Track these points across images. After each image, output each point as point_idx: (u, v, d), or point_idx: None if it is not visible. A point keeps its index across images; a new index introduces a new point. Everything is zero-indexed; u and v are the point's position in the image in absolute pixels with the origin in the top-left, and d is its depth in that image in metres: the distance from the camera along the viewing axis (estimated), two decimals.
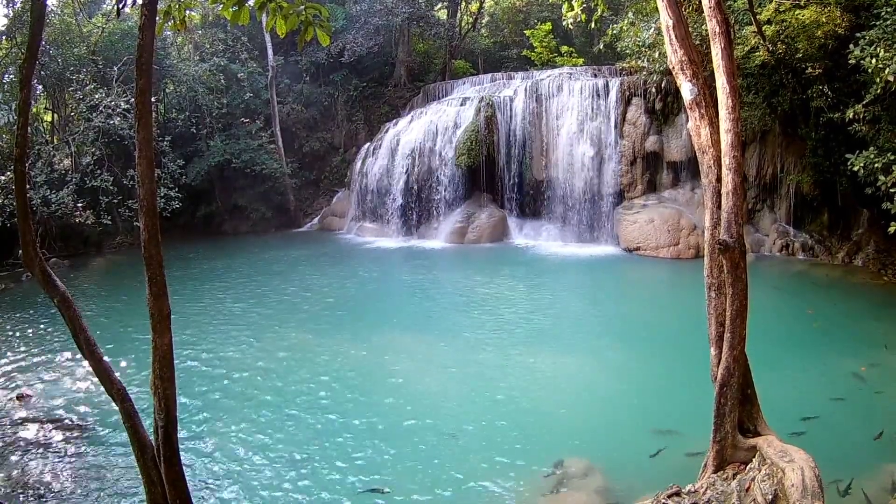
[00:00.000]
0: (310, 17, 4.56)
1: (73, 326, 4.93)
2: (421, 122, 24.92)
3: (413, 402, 9.27)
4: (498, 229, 23.11)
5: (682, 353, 11.13)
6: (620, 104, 22.08)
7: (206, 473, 7.39)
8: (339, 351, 11.51)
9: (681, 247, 19.48)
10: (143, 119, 4.59)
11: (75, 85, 22.84)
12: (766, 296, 13.95)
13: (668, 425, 8.21)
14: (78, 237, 22.88)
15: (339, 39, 28.24)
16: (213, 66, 26.79)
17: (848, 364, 10.04)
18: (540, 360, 10.99)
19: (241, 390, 9.83)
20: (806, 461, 5.02)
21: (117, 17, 24.46)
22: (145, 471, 4.90)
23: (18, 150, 5.05)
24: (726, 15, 5.88)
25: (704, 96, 5.95)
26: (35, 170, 21.08)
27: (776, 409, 6.65)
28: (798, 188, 19.06)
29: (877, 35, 12.09)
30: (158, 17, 5.12)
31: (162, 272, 4.65)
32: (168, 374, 4.70)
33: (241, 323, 13.45)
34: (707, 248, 5.91)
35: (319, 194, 29.61)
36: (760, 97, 17.73)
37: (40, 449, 8.08)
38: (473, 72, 31.40)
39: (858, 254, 17.50)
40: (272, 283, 17.45)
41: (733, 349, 5.52)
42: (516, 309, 14.41)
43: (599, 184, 22.30)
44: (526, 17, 32.80)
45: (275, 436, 8.28)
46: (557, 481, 6.97)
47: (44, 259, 5.09)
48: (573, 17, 8.45)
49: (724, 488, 5.38)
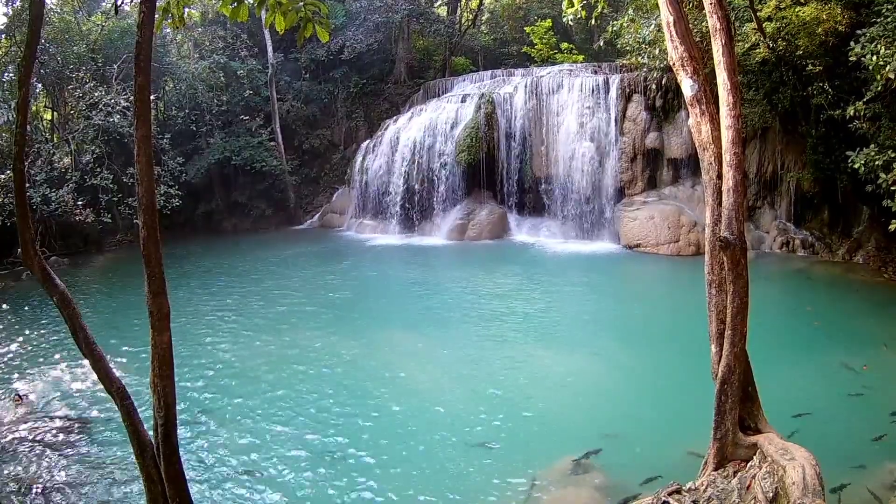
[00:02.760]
0: (309, 13, 4.55)
1: (73, 325, 4.92)
2: (421, 119, 24.89)
3: (411, 399, 9.27)
4: (498, 226, 23.09)
5: (682, 350, 11.12)
6: (621, 101, 22.04)
7: (205, 471, 7.39)
8: (339, 348, 11.50)
9: (681, 244, 19.46)
10: (143, 117, 4.58)
11: (75, 83, 22.82)
12: (766, 293, 13.94)
13: (667, 422, 8.21)
14: (78, 235, 22.88)
15: (339, 36, 28.19)
16: (212, 64, 26.75)
17: (848, 362, 10.02)
18: (539, 357, 10.99)
19: (240, 388, 9.82)
20: (807, 459, 5.01)
21: (115, 14, 24.40)
22: (145, 469, 4.89)
23: (18, 148, 5.04)
24: (727, 11, 5.86)
25: (705, 93, 5.93)
26: (35, 168, 21.08)
27: (776, 406, 6.64)
28: (798, 185, 19.04)
29: (877, 32, 12.07)
30: (157, 14, 5.10)
31: (161, 270, 4.64)
32: (167, 372, 4.69)
33: (241, 321, 13.45)
34: (708, 245, 5.90)
35: (319, 191, 29.59)
36: (761, 94, 17.70)
37: (39, 447, 8.07)
38: (473, 69, 31.34)
39: (859, 251, 17.48)
40: (272, 280, 17.45)
41: (734, 346, 5.51)
42: (516, 306, 14.40)
43: (600, 181, 22.27)
44: (526, 14, 32.75)
45: (275, 433, 8.27)
46: (559, 477, 6.97)
47: (43, 257, 5.08)
48: (573, 14, 8.44)
49: (724, 486, 5.37)
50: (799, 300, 14.51)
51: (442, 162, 23.70)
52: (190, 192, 25.36)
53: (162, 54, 25.25)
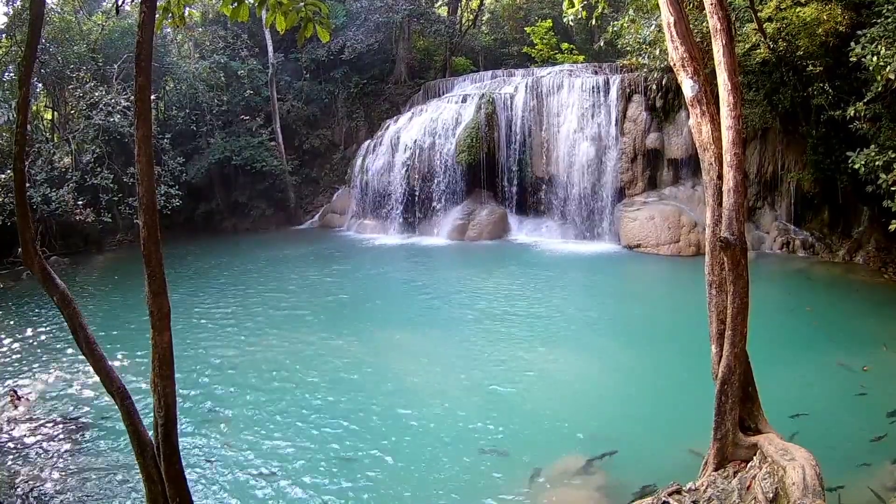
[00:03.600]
0: (309, 13, 4.55)
1: (73, 324, 4.92)
2: (421, 119, 24.88)
3: (412, 399, 9.27)
4: (498, 226, 23.09)
5: (682, 350, 11.11)
6: (621, 101, 22.03)
7: (206, 471, 7.38)
8: (338, 348, 11.51)
9: (681, 244, 19.46)
10: (143, 116, 4.58)
11: (75, 83, 22.84)
12: (766, 294, 13.93)
13: (668, 422, 8.21)
14: (78, 235, 22.89)
15: (340, 36, 28.20)
16: (213, 64, 26.76)
17: (849, 362, 10.02)
18: (540, 357, 10.98)
19: (240, 388, 9.82)
20: (807, 459, 5.01)
21: (116, 14, 24.42)
22: (145, 469, 4.90)
23: (18, 147, 5.04)
24: (727, 12, 5.86)
25: (706, 93, 5.93)
26: (35, 168, 21.09)
27: (777, 407, 6.64)
28: (799, 186, 19.03)
29: (878, 33, 12.06)
30: (158, 13, 5.10)
31: (161, 270, 4.64)
32: (168, 372, 4.69)
33: (241, 320, 13.45)
34: (708, 246, 5.90)
35: (320, 191, 29.59)
36: (761, 94, 17.70)
37: (39, 447, 8.08)
38: (474, 69, 31.35)
39: (859, 251, 17.47)
40: (272, 280, 17.45)
41: (734, 347, 5.51)
42: (516, 306, 14.39)
43: (600, 181, 22.27)
44: (526, 14, 32.76)
45: (274, 433, 8.27)
46: (559, 477, 6.97)
47: (43, 257, 5.08)
48: (574, 14, 8.44)
49: (724, 486, 5.37)
50: (799, 301, 14.50)
51: (442, 162, 23.70)
52: (190, 192, 25.37)
53: (162, 54, 25.25)
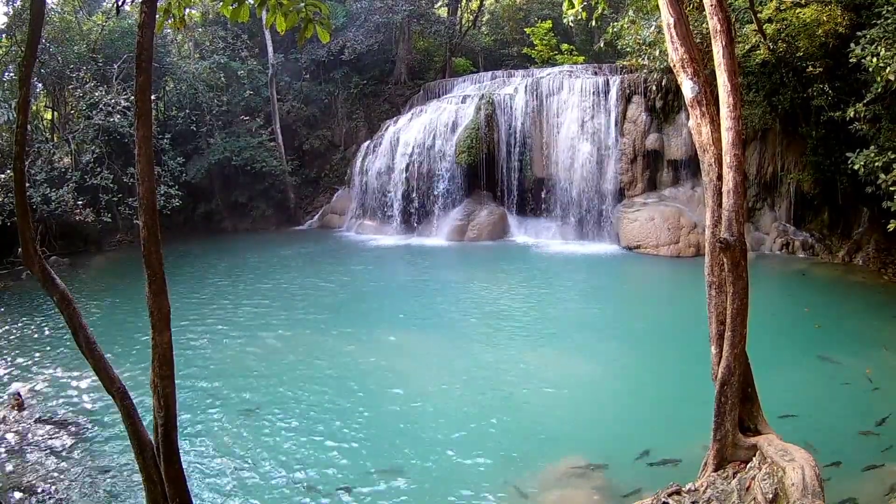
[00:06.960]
0: (310, 14, 4.55)
1: (73, 324, 4.92)
2: (421, 119, 24.89)
3: (409, 399, 9.26)
4: (498, 227, 23.09)
5: (681, 351, 11.12)
6: (621, 102, 22.04)
7: (205, 471, 7.38)
8: (338, 349, 11.51)
9: (681, 245, 19.47)
10: (143, 117, 4.58)
11: (75, 83, 22.82)
12: (766, 295, 13.94)
13: (668, 423, 8.20)
14: (78, 235, 22.85)
15: (340, 37, 28.19)
16: (213, 64, 26.74)
17: (849, 363, 10.03)
18: (539, 358, 10.98)
19: (240, 388, 9.82)
20: (806, 460, 5.02)
21: (117, 14, 24.41)
22: (145, 469, 4.90)
23: (18, 147, 5.04)
24: (727, 13, 5.86)
25: (705, 94, 5.94)
26: (35, 168, 21.06)
27: (777, 407, 6.65)
28: (798, 187, 19.05)
29: (878, 34, 12.09)
30: (158, 14, 5.11)
31: (162, 270, 4.65)
32: (168, 372, 4.70)
33: (241, 321, 13.45)
34: (708, 247, 5.90)
35: (319, 192, 29.58)
36: (761, 95, 17.71)
37: (39, 447, 8.07)
38: (474, 70, 31.35)
39: (859, 252, 17.48)
40: (272, 281, 17.43)
41: (734, 348, 5.51)
42: (516, 307, 14.40)
43: (600, 182, 22.28)
44: (526, 15, 32.75)
45: (274, 434, 8.27)
46: (558, 479, 6.96)
47: (43, 257, 5.08)
48: (574, 15, 8.43)
49: (724, 487, 5.38)
50: (799, 302, 14.50)
51: (442, 163, 23.70)
52: (190, 192, 25.34)
53: (162, 54, 25.24)
